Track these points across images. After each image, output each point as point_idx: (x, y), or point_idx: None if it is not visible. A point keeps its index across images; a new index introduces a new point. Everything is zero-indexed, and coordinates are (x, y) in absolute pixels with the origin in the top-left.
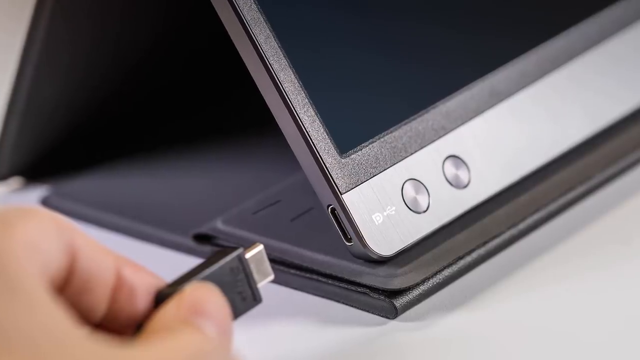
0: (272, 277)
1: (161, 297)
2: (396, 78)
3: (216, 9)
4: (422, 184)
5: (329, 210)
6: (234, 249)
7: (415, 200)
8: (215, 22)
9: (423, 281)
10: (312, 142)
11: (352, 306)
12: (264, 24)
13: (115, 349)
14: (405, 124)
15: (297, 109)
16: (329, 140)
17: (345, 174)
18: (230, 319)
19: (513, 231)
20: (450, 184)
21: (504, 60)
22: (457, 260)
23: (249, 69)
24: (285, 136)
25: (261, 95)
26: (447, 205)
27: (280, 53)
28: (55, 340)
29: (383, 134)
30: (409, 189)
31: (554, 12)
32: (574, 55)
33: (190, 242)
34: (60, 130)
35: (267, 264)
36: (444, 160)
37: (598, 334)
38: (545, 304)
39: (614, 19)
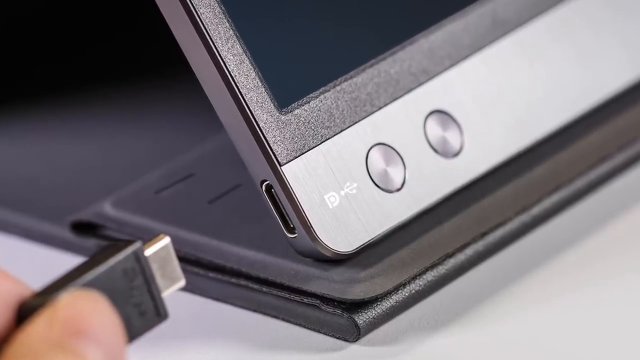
0: (182, 282)
1: (26, 311)
2: (360, 2)
3: None
4: (395, 150)
5: (264, 187)
6: (129, 243)
7: (385, 173)
8: None
9: (396, 289)
10: (240, 92)
11: (296, 324)
12: None
13: None
14: (370, 67)
15: (219, 46)
16: (263, 89)
17: (287, 136)
18: (123, 342)
19: (523, 218)
20: (435, 150)
21: None
22: (445, 260)
23: None
24: (202, 84)
25: (167, 26)
26: (431, 181)
27: None
28: None
29: (339, 80)
30: (377, 159)
31: None
32: None
33: (67, 234)
34: None
35: (175, 264)
36: (426, 118)
37: None
38: (567, 321)
39: None
